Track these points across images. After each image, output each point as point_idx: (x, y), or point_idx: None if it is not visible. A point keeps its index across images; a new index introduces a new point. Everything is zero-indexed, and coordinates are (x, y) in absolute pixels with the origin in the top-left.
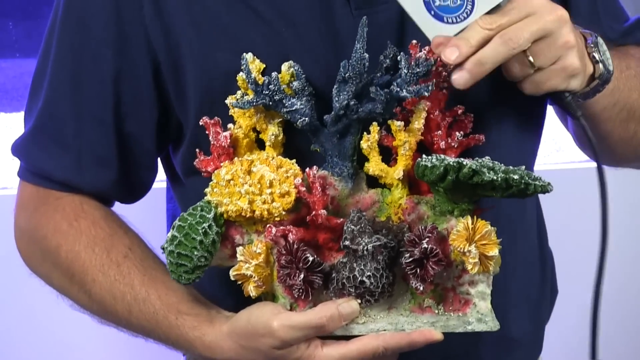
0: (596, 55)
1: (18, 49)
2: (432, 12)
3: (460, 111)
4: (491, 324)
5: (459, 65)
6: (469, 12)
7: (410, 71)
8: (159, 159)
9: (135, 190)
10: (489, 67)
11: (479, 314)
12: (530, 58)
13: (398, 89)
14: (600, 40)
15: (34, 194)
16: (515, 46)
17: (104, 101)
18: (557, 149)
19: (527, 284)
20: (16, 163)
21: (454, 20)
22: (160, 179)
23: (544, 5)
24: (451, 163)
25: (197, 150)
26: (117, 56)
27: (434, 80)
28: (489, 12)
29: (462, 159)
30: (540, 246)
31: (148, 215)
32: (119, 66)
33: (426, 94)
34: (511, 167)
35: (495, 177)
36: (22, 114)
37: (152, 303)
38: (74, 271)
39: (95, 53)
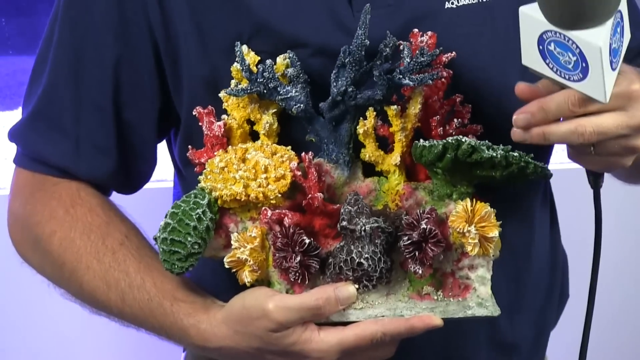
0: None
1: (11, 46)
2: (541, 48)
3: (458, 99)
4: (492, 308)
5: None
6: (577, 77)
7: (414, 60)
8: (166, 148)
9: (133, 181)
10: (551, 141)
11: (479, 299)
12: (591, 148)
13: (401, 76)
14: None
15: (30, 180)
16: (584, 140)
17: (104, 88)
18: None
19: (533, 289)
20: (10, 163)
21: (561, 74)
22: (160, 179)
23: (637, 106)
24: (450, 140)
25: (189, 146)
26: (118, 43)
27: (435, 70)
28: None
29: (461, 136)
30: (552, 250)
31: (148, 215)
32: (120, 53)
33: (430, 82)
34: (510, 147)
35: (494, 154)
36: (15, 112)
37: (147, 290)
38: (66, 259)
39: (97, 39)
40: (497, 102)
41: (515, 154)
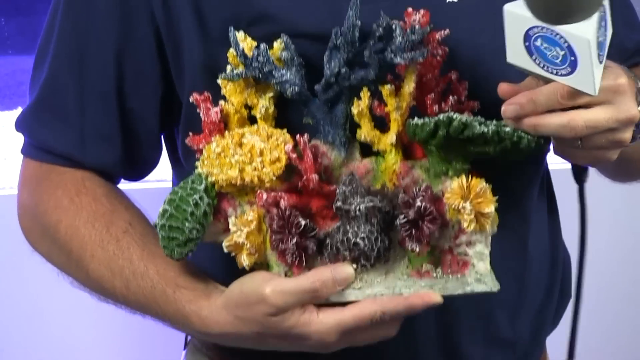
0: None
1: (10, 46)
2: (527, 44)
3: (454, 77)
4: (490, 284)
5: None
6: (565, 72)
7: (405, 38)
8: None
9: (139, 168)
10: (542, 133)
11: (477, 275)
12: (579, 142)
13: (392, 55)
14: None
15: (37, 170)
16: (575, 134)
17: (107, 75)
18: None
19: (532, 286)
20: (9, 163)
21: (549, 69)
22: (160, 179)
23: (624, 100)
24: (441, 118)
25: (190, 133)
26: (120, 30)
27: (429, 46)
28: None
29: (453, 113)
30: (551, 246)
31: (148, 215)
32: (122, 40)
33: (421, 59)
34: (503, 122)
35: (486, 130)
36: (15, 112)
37: (150, 277)
38: (72, 247)
39: (99, 26)
40: (496, 96)
41: (508, 129)
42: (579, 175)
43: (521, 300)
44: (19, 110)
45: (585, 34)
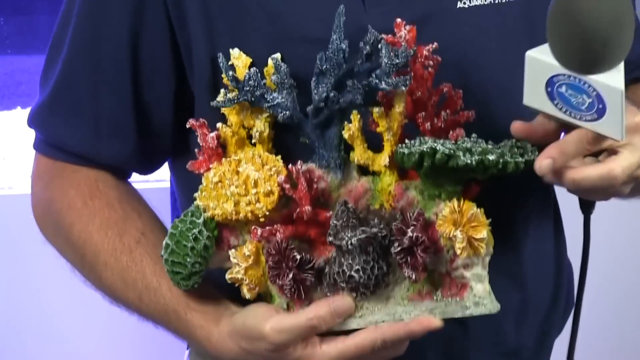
0: None
1: (9, 45)
2: (550, 89)
3: (445, 89)
4: (490, 306)
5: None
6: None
7: (389, 62)
8: None
9: (152, 161)
10: (583, 188)
11: (476, 298)
12: None
13: (377, 81)
14: None
15: (50, 166)
16: (615, 183)
17: (122, 69)
18: None
19: (536, 293)
20: (9, 163)
21: (572, 114)
22: (160, 179)
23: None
24: (425, 149)
25: (196, 150)
26: (135, 24)
27: (412, 73)
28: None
29: (437, 144)
30: (557, 256)
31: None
32: (137, 34)
33: (404, 88)
34: (490, 146)
35: (469, 161)
36: (13, 112)
37: (163, 294)
38: (86, 252)
39: (114, 20)
40: (503, 102)
41: (492, 157)
42: (587, 206)
43: (525, 309)
44: (18, 110)
45: (619, 85)
